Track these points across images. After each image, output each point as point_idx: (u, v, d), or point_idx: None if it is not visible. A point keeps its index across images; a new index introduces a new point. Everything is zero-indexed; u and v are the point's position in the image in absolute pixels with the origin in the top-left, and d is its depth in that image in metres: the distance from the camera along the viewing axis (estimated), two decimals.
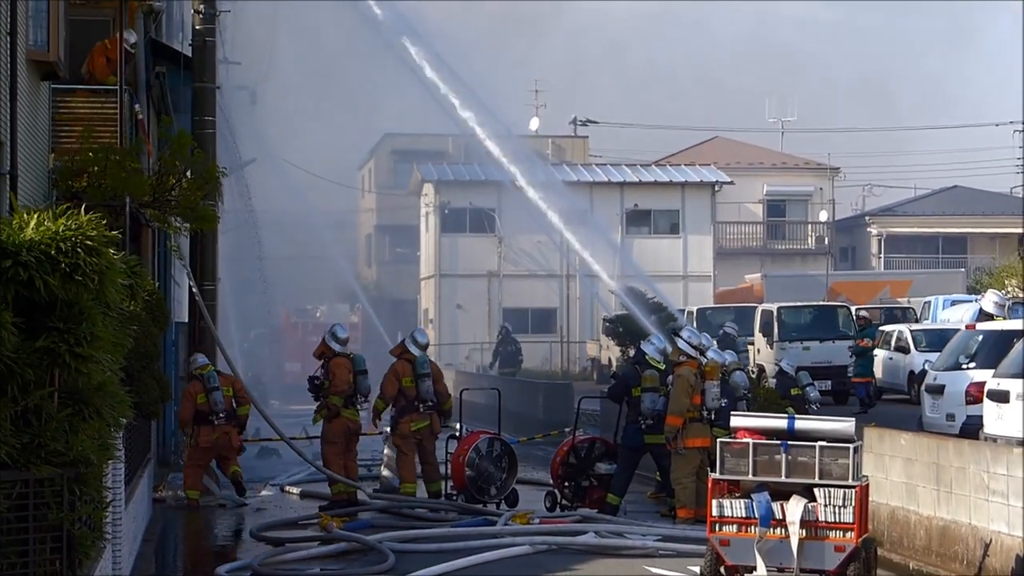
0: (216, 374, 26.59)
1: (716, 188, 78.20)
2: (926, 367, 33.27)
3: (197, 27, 26.48)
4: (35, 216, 11.56)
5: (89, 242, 11.52)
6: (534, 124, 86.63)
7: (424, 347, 27.21)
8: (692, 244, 76.58)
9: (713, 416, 24.66)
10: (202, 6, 26.03)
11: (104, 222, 12.25)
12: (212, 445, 26.43)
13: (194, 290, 26.88)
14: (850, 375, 40.27)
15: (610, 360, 57.76)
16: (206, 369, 26.43)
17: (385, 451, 28.49)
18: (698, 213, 77.15)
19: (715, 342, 29.15)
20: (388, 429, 27.46)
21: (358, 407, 27.00)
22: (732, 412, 22.31)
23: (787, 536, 17.29)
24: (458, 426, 27.73)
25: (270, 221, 63.32)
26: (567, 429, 30.53)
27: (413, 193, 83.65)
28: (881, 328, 43.62)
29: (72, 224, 11.59)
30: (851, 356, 40.14)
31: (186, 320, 29.40)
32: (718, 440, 19.02)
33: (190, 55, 27.10)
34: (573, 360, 70.43)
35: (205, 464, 27.12)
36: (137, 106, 24.87)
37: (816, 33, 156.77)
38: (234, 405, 26.71)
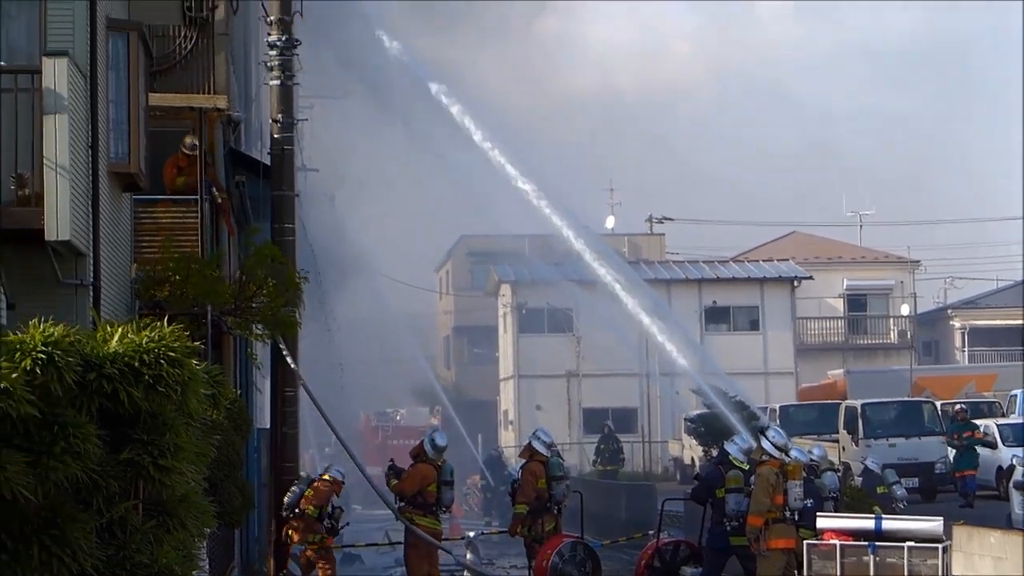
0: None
1: (795, 283, 77.49)
2: (1014, 462, 32.99)
3: (275, 136, 26.76)
4: (119, 329, 11.67)
5: (172, 353, 11.62)
6: (610, 223, 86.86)
7: (550, 447, 27.23)
8: (772, 340, 75.86)
9: (797, 517, 24.46)
10: (280, 115, 26.31)
11: (186, 332, 12.35)
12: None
13: (303, 383, 27.12)
14: (945, 470, 40.07)
15: (693, 460, 57.38)
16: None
17: (468, 556, 28.46)
18: (778, 309, 76.45)
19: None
20: (471, 534, 27.42)
21: (439, 516, 26.97)
22: (818, 513, 22.18)
23: None
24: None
25: (349, 325, 63.58)
26: (651, 531, 30.40)
27: (490, 294, 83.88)
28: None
29: (155, 336, 11.70)
30: (954, 447, 39.97)
31: (268, 427, 29.51)
32: (804, 542, 18.90)
33: (269, 164, 27.35)
34: (655, 460, 69.92)
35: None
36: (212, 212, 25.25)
37: (890, 125, 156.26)
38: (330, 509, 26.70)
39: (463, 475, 52.99)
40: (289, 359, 26.70)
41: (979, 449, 40.58)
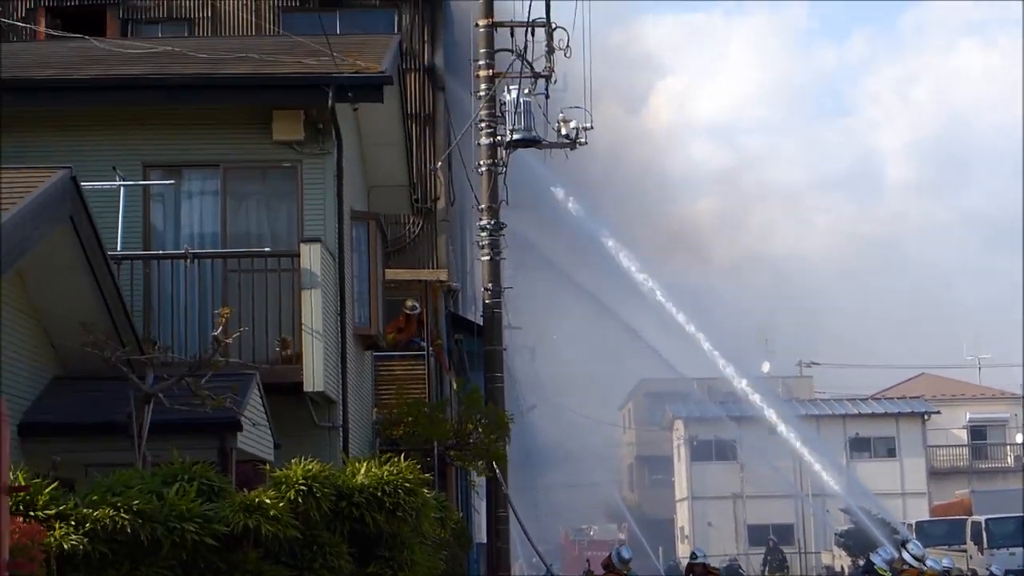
0: None
1: (925, 417, 77.26)
2: None
3: (486, 301, 26.90)
4: (364, 464, 11.78)
5: (407, 484, 11.72)
6: (766, 367, 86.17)
7: (627, 562, 26.68)
8: (907, 466, 75.37)
9: None
10: (490, 284, 26.48)
11: (418, 465, 12.41)
12: None
13: (512, 505, 27.06)
14: None
15: (843, 568, 56.44)
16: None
17: None
18: (911, 439, 76.17)
19: None
20: None
21: None
22: None
23: None
24: None
25: (549, 454, 63.77)
26: None
27: (666, 428, 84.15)
28: None
29: (393, 469, 11.80)
30: None
31: (484, 542, 29.41)
32: None
33: (482, 324, 27.53)
34: (810, 568, 68.93)
35: None
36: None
37: (1002, 279, 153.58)
38: None
39: None
40: (502, 484, 26.67)
41: None
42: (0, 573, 7.79)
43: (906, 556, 24.51)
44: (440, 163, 26.98)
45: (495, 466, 25.44)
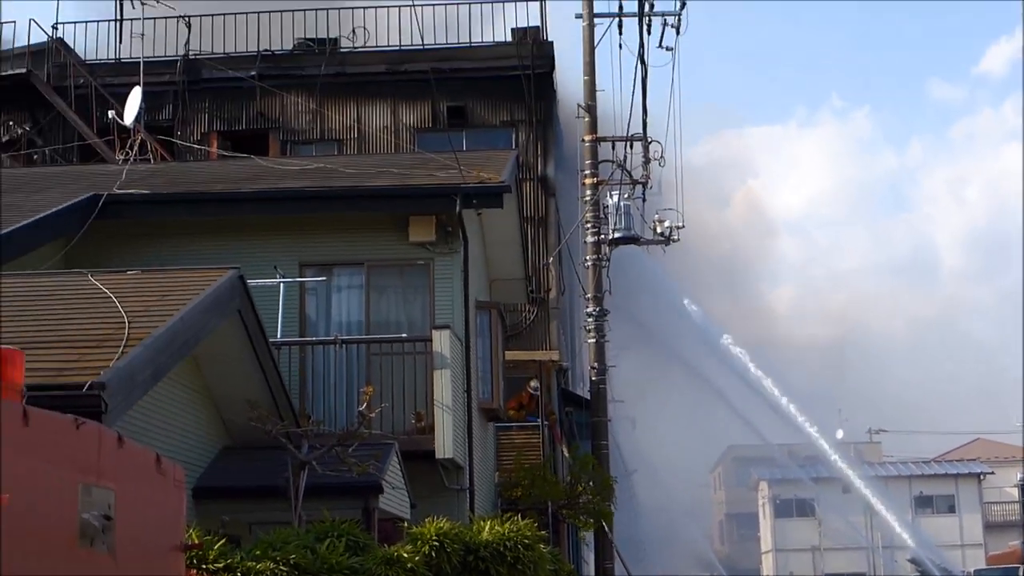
0: None
1: (981, 477, 76.31)
2: None
3: (592, 378, 26.91)
4: (488, 522, 11.80)
5: (526, 539, 11.71)
6: (840, 434, 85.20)
7: None
8: (966, 520, 74.48)
9: None
10: (595, 364, 26.51)
11: (535, 523, 12.40)
12: None
13: (625, 564, 26.85)
14: None
15: None
16: None
17: None
18: (969, 497, 75.50)
19: None
20: None
21: None
22: None
23: None
24: None
25: (648, 512, 63.22)
26: None
27: (752, 488, 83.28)
28: None
29: (514, 527, 11.79)
30: None
31: None
32: None
33: (588, 398, 27.51)
34: None
35: None
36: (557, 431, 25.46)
37: None
38: None
39: None
40: (610, 537, 26.50)
41: None
42: None
43: None
44: (551, 259, 27.11)
45: (603, 523, 25.33)
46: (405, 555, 11.01)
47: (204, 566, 10.20)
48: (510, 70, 27.61)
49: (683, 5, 26.74)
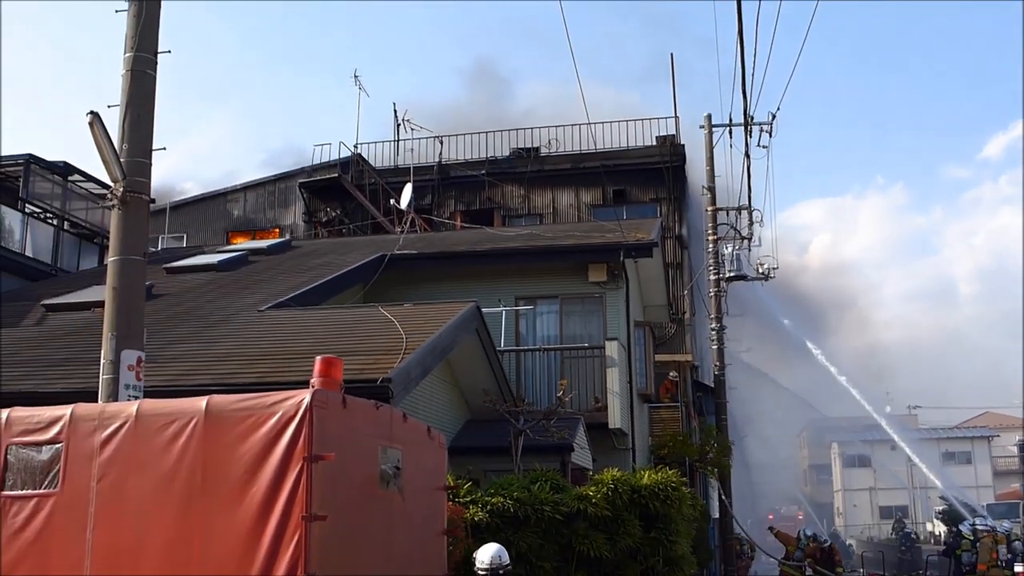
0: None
1: (990, 439, 73.03)
2: None
3: (715, 373, 26.31)
4: (646, 472, 11.64)
5: (673, 484, 11.48)
6: (888, 409, 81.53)
7: (810, 537, 24.40)
8: (979, 469, 71.01)
9: (1005, 565, 21.99)
10: (717, 363, 25.89)
11: (678, 473, 12.18)
12: None
13: (724, 500, 26.13)
14: None
15: (941, 534, 52.40)
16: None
17: None
18: (981, 453, 72.16)
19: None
20: None
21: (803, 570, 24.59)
22: (1015, 563, 19.94)
23: None
24: None
25: (755, 465, 61.81)
26: (920, 571, 27.60)
27: (826, 447, 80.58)
28: None
29: (664, 475, 11.60)
30: None
31: (716, 517, 28.46)
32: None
33: (713, 386, 26.90)
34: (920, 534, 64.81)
35: None
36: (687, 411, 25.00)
37: None
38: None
39: None
40: (719, 492, 25.83)
41: None
42: (441, 534, 7.98)
43: (983, 526, 22.89)
44: (686, 291, 26.72)
45: (722, 473, 24.75)
46: (591, 493, 10.96)
47: (457, 500, 10.33)
48: (655, 164, 27.41)
49: (773, 118, 26.13)
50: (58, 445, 6.34)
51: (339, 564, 5.85)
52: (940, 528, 52.51)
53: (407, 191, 25.82)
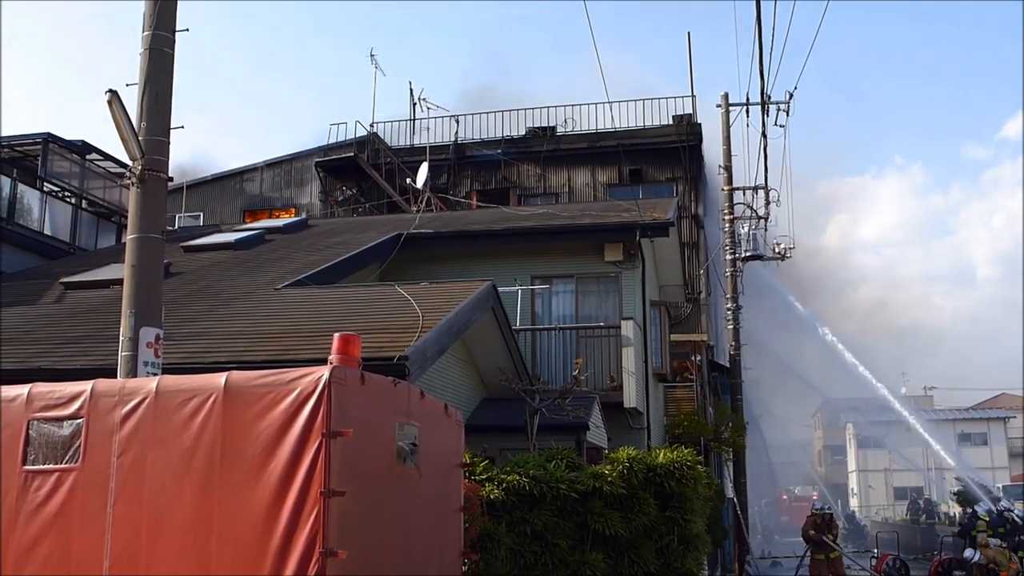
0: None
1: (1006, 421, 72.40)
2: None
3: (731, 353, 26.31)
4: (662, 451, 11.62)
5: (688, 462, 11.43)
6: (903, 390, 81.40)
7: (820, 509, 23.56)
8: (995, 451, 70.40)
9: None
10: (732, 343, 25.89)
11: (693, 451, 12.16)
12: None
13: (729, 483, 26.15)
14: None
15: (956, 514, 52.28)
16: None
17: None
18: (997, 434, 71.71)
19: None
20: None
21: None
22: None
23: None
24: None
25: (770, 445, 61.66)
26: (935, 552, 27.64)
27: (841, 428, 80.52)
28: None
29: (679, 454, 11.57)
30: None
31: (731, 496, 28.50)
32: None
33: (728, 366, 26.87)
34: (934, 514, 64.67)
35: None
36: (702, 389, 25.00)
37: None
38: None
39: None
40: (728, 472, 25.83)
41: None
42: (458, 511, 7.99)
43: (998, 507, 22.84)
44: (701, 271, 26.64)
45: (736, 452, 24.74)
46: (606, 472, 10.94)
47: (473, 477, 10.34)
48: (672, 143, 27.28)
49: (791, 96, 25.95)
50: (79, 420, 6.38)
51: (357, 540, 5.87)
52: (956, 509, 52.46)
53: (423, 170, 25.78)
